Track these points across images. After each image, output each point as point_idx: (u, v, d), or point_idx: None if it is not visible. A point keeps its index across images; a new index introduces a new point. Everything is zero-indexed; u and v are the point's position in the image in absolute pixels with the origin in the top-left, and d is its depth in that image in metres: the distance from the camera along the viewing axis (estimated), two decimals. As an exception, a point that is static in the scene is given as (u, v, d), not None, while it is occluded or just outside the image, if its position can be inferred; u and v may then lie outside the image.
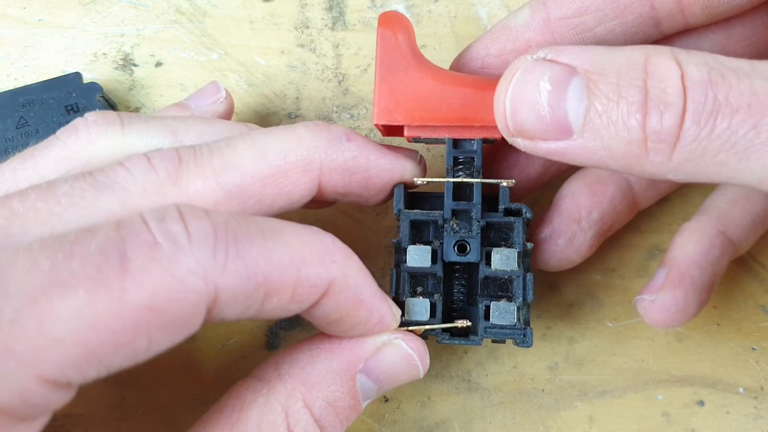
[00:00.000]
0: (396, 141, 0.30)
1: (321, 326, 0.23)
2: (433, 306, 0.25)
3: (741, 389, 0.31)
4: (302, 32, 0.34)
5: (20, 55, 0.34)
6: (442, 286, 0.26)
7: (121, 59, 0.34)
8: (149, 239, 0.18)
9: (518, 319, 0.25)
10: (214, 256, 0.18)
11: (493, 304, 0.25)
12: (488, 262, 0.25)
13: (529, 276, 0.25)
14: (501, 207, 0.26)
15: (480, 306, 0.26)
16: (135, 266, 0.17)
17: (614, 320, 0.32)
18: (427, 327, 0.25)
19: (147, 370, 0.31)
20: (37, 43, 0.34)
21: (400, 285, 0.26)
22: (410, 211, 0.26)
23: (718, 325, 0.32)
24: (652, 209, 0.33)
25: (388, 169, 0.25)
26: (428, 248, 0.25)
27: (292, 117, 0.33)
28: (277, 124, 0.33)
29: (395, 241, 0.26)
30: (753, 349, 0.31)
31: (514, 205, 0.26)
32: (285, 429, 0.22)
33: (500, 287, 0.26)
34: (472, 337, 0.25)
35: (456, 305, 0.27)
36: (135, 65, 0.34)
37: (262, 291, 0.19)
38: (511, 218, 0.25)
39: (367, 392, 0.23)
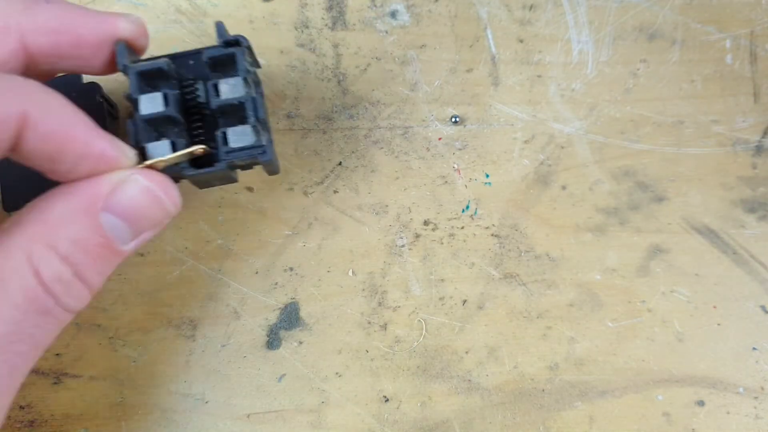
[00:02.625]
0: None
1: (46, 170, 0.23)
2: (173, 145, 0.26)
3: (741, 389, 0.31)
4: (302, 32, 0.34)
5: (20, 55, 0.34)
6: (183, 128, 0.27)
7: (121, 59, 0.34)
8: None
9: (256, 138, 0.26)
10: None
11: (229, 130, 0.26)
12: (217, 95, 0.26)
13: (258, 98, 0.26)
14: (219, 40, 0.26)
15: (219, 134, 0.26)
16: None
17: (614, 320, 0.32)
18: (161, 159, 0.25)
19: (147, 370, 0.31)
20: (37, 43, 0.34)
21: (139, 133, 0.26)
22: (136, 64, 0.26)
23: (718, 325, 0.32)
24: (653, 209, 0.33)
25: (96, 26, 0.25)
26: (159, 94, 0.26)
27: (291, 116, 0.33)
28: (277, 124, 0.33)
29: (125, 95, 0.26)
30: (753, 349, 0.31)
31: (230, 37, 0.27)
32: (30, 270, 0.21)
33: (238, 118, 0.27)
34: (216, 165, 0.26)
35: (199, 144, 0.27)
36: (135, 65, 0.34)
37: None
38: (231, 49, 0.26)
39: (117, 230, 0.23)
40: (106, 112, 0.31)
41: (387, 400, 0.31)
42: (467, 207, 0.33)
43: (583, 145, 0.33)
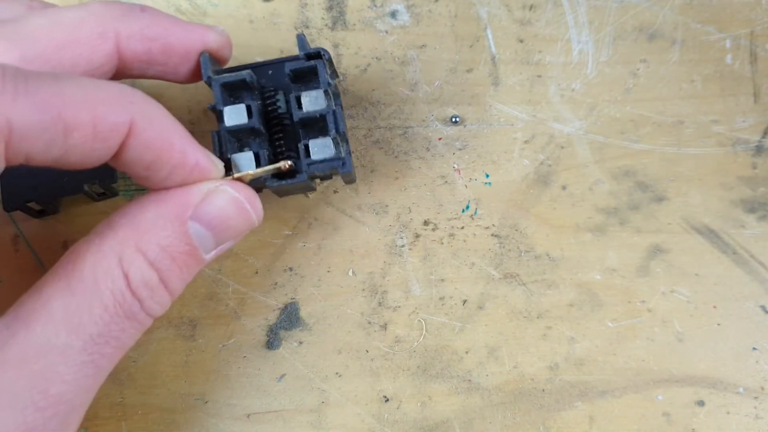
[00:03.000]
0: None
1: (140, 177, 0.23)
2: (257, 156, 0.27)
3: (741, 389, 0.31)
4: (302, 32, 0.34)
5: (20, 55, 0.34)
6: (264, 138, 0.27)
7: (121, 59, 0.34)
8: None
9: (336, 150, 0.27)
10: (4, 90, 0.19)
11: (311, 142, 0.27)
12: (300, 107, 0.27)
13: (338, 110, 0.27)
14: (301, 53, 0.27)
15: (301, 146, 0.27)
16: None
17: (614, 320, 0.32)
18: (251, 172, 0.26)
19: (147, 370, 0.31)
20: (37, 43, 0.34)
21: (222, 144, 0.27)
22: (219, 75, 0.27)
23: (718, 325, 0.32)
24: (653, 209, 0.33)
25: (186, 36, 0.26)
26: (243, 106, 0.27)
27: (292, 117, 0.33)
28: (277, 124, 0.33)
29: (210, 107, 0.27)
30: (753, 349, 0.31)
31: (312, 49, 0.27)
32: (120, 272, 0.22)
33: (318, 129, 0.28)
34: (298, 176, 0.27)
35: (281, 155, 0.28)
36: (135, 65, 0.34)
37: (60, 125, 0.20)
38: (313, 62, 0.27)
39: (203, 239, 0.24)
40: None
41: (387, 400, 0.31)
42: (467, 207, 0.33)
43: (583, 145, 0.33)
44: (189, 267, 0.24)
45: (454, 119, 0.33)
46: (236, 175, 0.26)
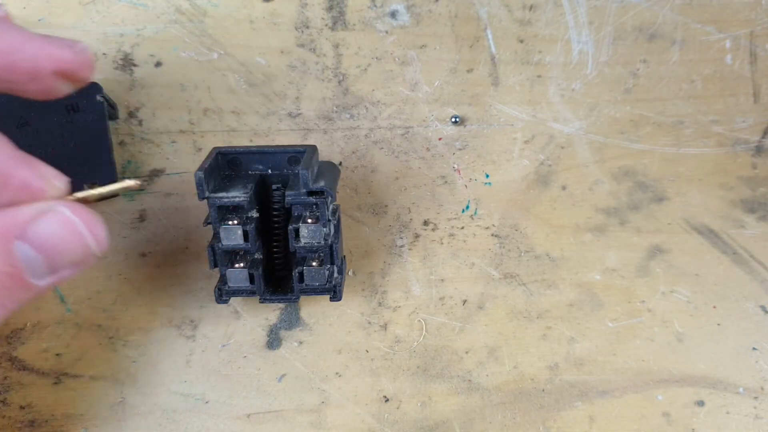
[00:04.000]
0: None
1: None
2: (251, 276, 0.29)
3: (741, 389, 0.31)
4: (302, 32, 0.34)
5: (20, 55, 0.34)
6: (258, 250, 0.29)
7: (121, 59, 0.34)
8: None
9: (328, 280, 0.29)
10: None
11: (305, 270, 0.29)
12: (297, 236, 0.28)
13: (336, 243, 0.29)
14: (303, 190, 0.28)
15: (294, 272, 0.29)
16: None
17: (614, 320, 0.32)
18: (95, 192, 0.25)
19: (147, 370, 0.31)
20: (37, 43, 0.34)
21: (217, 260, 0.29)
22: (216, 195, 0.28)
23: (718, 325, 0.32)
24: (653, 209, 0.33)
25: (33, 53, 0.24)
26: (239, 228, 0.28)
27: (292, 116, 0.33)
28: (278, 123, 0.33)
29: (204, 222, 0.29)
30: (753, 349, 0.31)
31: (316, 187, 0.28)
32: None
33: (313, 250, 0.29)
34: (289, 295, 0.30)
35: (277, 266, 0.30)
36: (135, 65, 0.34)
37: None
38: (313, 199, 0.28)
39: (32, 262, 0.22)
40: (106, 112, 0.32)
41: (387, 400, 0.31)
42: (467, 207, 0.33)
43: (583, 145, 0.33)
44: (12, 290, 0.22)
45: (454, 119, 0.33)
46: (79, 195, 0.24)
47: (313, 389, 0.31)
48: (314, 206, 0.28)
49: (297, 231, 0.28)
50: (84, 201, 0.24)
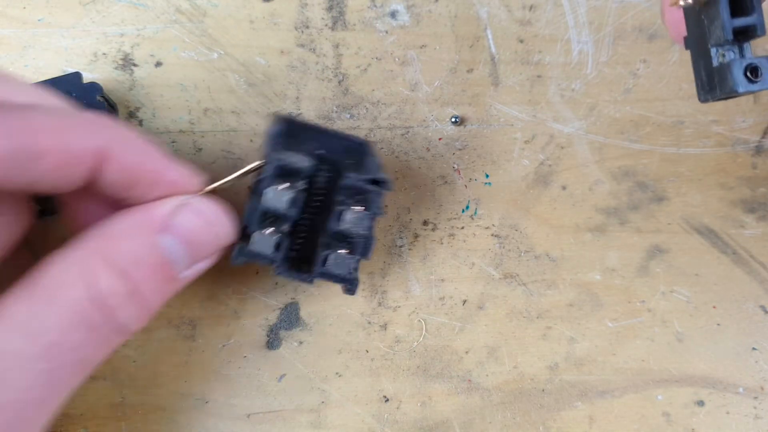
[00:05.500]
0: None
1: (118, 197, 0.23)
2: (278, 245, 0.27)
3: (741, 389, 0.31)
4: (302, 32, 0.34)
5: (20, 55, 0.34)
6: (291, 221, 0.27)
7: (121, 59, 0.34)
8: None
9: (351, 270, 0.27)
10: None
11: (331, 255, 0.27)
12: (340, 219, 0.27)
13: (372, 239, 0.27)
14: (368, 176, 0.27)
15: (322, 253, 0.27)
16: None
17: (614, 320, 0.32)
18: (224, 180, 0.26)
19: (147, 370, 0.31)
20: (37, 43, 0.34)
21: (251, 218, 0.27)
22: (281, 155, 0.26)
23: (718, 325, 0.32)
24: (653, 209, 0.33)
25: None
26: (291, 192, 0.27)
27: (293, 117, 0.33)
28: (277, 124, 0.33)
29: (252, 182, 0.27)
30: (753, 349, 0.31)
31: (381, 176, 0.27)
32: (81, 281, 0.21)
33: (344, 236, 0.28)
34: (305, 276, 0.27)
35: (296, 246, 0.28)
36: (135, 65, 0.34)
37: (27, 151, 0.20)
38: (375, 188, 0.27)
39: (175, 253, 0.23)
40: (106, 112, 0.31)
41: (387, 400, 0.31)
42: (467, 207, 0.33)
43: (583, 145, 0.33)
44: (161, 281, 0.23)
45: (454, 119, 0.33)
46: (209, 187, 0.25)
47: (313, 389, 0.31)
48: (368, 195, 0.27)
49: (342, 213, 0.27)
50: (213, 192, 0.25)
